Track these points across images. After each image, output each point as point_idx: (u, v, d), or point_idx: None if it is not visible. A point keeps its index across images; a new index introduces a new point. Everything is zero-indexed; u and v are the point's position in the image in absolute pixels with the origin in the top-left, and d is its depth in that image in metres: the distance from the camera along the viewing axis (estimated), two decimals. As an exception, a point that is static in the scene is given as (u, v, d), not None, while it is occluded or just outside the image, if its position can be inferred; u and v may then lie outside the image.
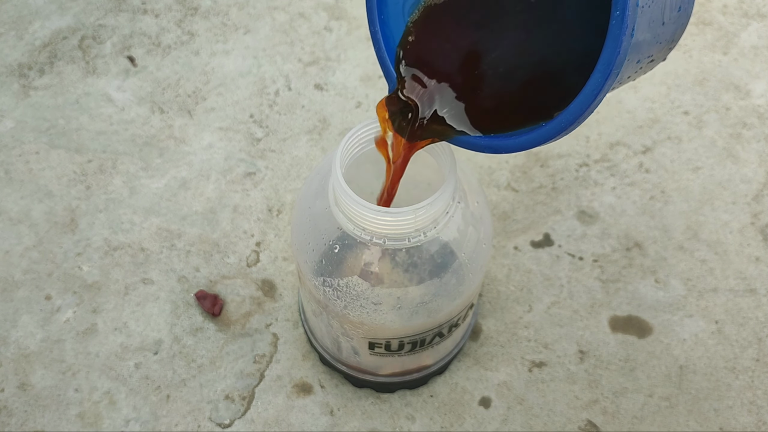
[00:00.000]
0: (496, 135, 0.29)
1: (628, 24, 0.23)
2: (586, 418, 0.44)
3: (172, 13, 0.59)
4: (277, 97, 0.55)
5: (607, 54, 0.23)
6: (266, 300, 0.47)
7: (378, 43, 0.32)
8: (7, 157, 0.52)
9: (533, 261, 0.48)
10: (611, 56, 0.23)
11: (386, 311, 0.35)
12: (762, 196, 0.51)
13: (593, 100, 0.24)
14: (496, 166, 0.52)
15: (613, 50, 0.23)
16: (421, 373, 0.43)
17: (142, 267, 0.48)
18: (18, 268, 0.48)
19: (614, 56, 0.23)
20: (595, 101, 0.24)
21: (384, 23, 0.31)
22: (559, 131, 0.26)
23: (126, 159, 0.52)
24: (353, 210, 0.32)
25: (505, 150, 0.28)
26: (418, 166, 0.36)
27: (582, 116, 0.25)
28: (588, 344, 0.46)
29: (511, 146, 0.28)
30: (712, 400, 0.44)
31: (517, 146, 0.28)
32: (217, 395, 0.44)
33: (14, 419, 0.43)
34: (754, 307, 0.47)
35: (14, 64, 0.56)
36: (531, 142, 0.27)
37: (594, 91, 0.24)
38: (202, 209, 0.50)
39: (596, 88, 0.24)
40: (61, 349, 0.45)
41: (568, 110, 0.25)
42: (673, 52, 0.57)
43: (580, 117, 0.25)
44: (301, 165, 0.52)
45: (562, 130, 0.26)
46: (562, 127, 0.26)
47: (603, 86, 0.24)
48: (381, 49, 0.32)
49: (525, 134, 0.27)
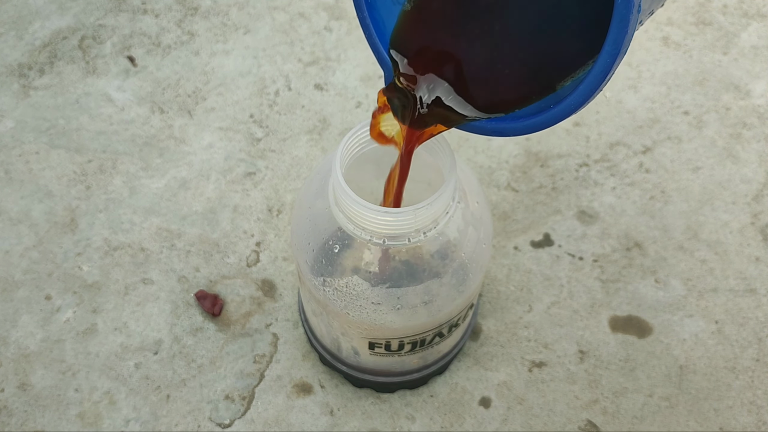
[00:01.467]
0: (502, 118, 0.28)
1: (634, 2, 0.22)
2: (586, 418, 0.44)
3: (172, 13, 0.59)
4: (277, 97, 0.55)
5: (614, 33, 0.22)
6: (266, 300, 0.47)
7: (368, 29, 0.30)
8: (7, 157, 0.52)
9: (533, 261, 0.48)
10: (619, 35, 0.22)
11: (386, 311, 0.35)
12: (762, 196, 0.51)
13: (603, 80, 0.24)
14: (496, 166, 0.52)
15: (620, 30, 0.22)
16: (421, 373, 0.43)
17: (142, 267, 0.48)
18: (18, 268, 0.48)
19: (622, 35, 0.22)
20: (605, 80, 0.24)
21: (372, 7, 0.30)
22: (568, 113, 0.25)
23: (126, 159, 0.52)
24: (353, 210, 0.32)
25: (512, 132, 0.28)
26: (418, 166, 0.36)
27: (592, 96, 0.24)
28: (588, 344, 0.46)
29: (519, 129, 0.27)
30: (712, 400, 0.44)
31: (525, 128, 0.27)
32: (217, 395, 0.44)
33: (14, 419, 0.43)
34: (754, 307, 0.47)
35: (14, 64, 0.56)
36: (539, 124, 0.26)
37: (603, 70, 0.23)
38: (202, 209, 0.50)
39: (605, 68, 0.23)
40: (61, 349, 0.45)
41: (578, 92, 0.24)
42: (673, 52, 0.57)
43: (590, 97, 0.24)
44: (301, 165, 0.52)
45: (571, 112, 0.25)
46: (571, 108, 0.25)
47: (612, 66, 0.23)
48: (372, 35, 0.30)
49: (533, 116, 0.27)
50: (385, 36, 0.31)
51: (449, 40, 0.29)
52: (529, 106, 0.28)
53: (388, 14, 0.31)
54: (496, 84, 0.29)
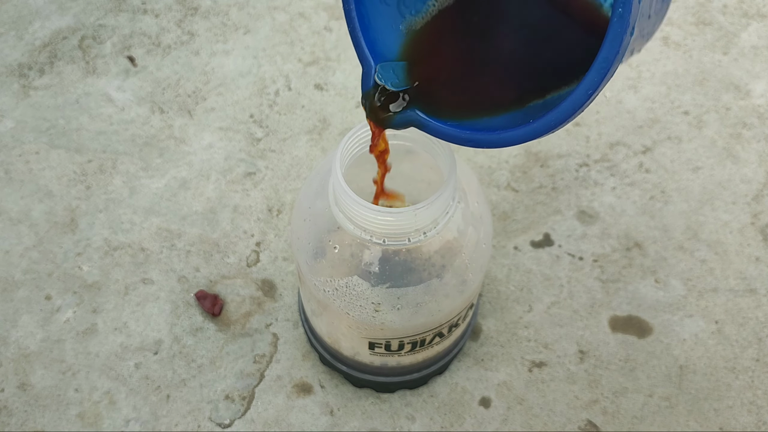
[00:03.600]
0: (478, 129, 0.28)
1: (629, 22, 0.22)
2: (586, 418, 0.44)
3: (172, 13, 0.59)
4: (277, 97, 0.55)
5: (606, 52, 0.22)
6: (266, 300, 0.47)
7: (352, 21, 0.30)
8: (7, 157, 0.52)
9: (533, 261, 0.48)
10: (610, 54, 0.22)
11: (386, 311, 0.35)
12: (762, 196, 0.51)
13: (587, 100, 0.23)
14: (496, 166, 0.52)
15: (612, 49, 0.22)
16: (421, 373, 0.43)
17: (142, 267, 0.48)
18: (18, 268, 0.48)
19: (613, 54, 0.22)
20: (589, 100, 0.23)
21: (359, 2, 0.30)
22: (548, 129, 0.25)
23: (126, 159, 0.52)
24: (353, 210, 0.32)
25: (487, 144, 0.27)
26: (419, 166, 0.36)
27: (573, 115, 0.24)
28: (588, 344, 0.46)
29: (495, 141, 0.27)
30: (712, 400, 0.44)
31: (502, 141, 0.26)
32: (217, 395, 0.44)
33: (14, 419, 0.43)
34: (754, 307, 0.47)
35: (14, 64, 0.56)
36: (517, 138, 0.26)
37: (589, 90, 0.23)
38: (202, 209, 0.50)
39: (591, 87, 0.23)
40: (61, 349, 0.45)
41: (561, 108, 0.24)
42: (673, 52, 0.57)
43: (572, 115, 0.24)
44: (301, 165, 0.52)
45: (552, 128, 0.25)
46: (551, 125, 0.25)
47: (599, 85, 0.23)
48: (355, 29, 0.30)
49: (511, 130, 0.26)
50: (368, 31, 0.30)
51: (436, 47, 0.30)
52: (504, 117, 0.28)
53: (374, 11, 0.30)
54: (471, 90, 0.29)
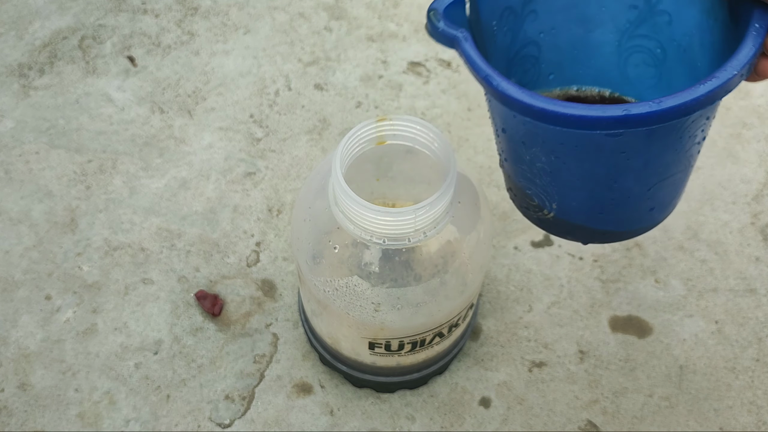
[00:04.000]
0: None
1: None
2: (586, 418, 0.44)
3: (172, 13, 0.59)
4: (277, 97, 0.55)
5: (746, 50, 0.25)
6: (266, 300, 0.47)
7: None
8: (7, 157, 0.52)
9: (533, 261, 0.48)
10: (749, 54, 0.25)
11: (386, 311, 0.35)
12: (762, 196, 0.51)
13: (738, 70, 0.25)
14: (496, 166, 0.52)
15: (751, 49, 0.25)
16: (421, 373, 0.43)
17: (142, 267, 0.48)
18: (18, 268, 0.48)
19: (751, 55, 0.25)
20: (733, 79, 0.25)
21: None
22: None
23: (126, 159, 0.52)
24: (353, 210, 0.32)
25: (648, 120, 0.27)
26: (418, 166, 0.36)
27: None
28: (588, 344, 0.46)
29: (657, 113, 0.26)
30: (712, 400, 0.44)
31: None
32: (217, 395, 0.44)
33: (14, 419, 0.43)
34: (754, 307, 0.47)
35: (14, 64, 0.56)
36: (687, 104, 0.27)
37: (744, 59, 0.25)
38: (202, 209, 0.50)
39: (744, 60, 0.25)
40: (61, 349, 0.45)
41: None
42: (673, 52, 0.57)
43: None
44: (301, 165, 0.52)
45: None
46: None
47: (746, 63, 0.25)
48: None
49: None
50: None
51: None
52: None
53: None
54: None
